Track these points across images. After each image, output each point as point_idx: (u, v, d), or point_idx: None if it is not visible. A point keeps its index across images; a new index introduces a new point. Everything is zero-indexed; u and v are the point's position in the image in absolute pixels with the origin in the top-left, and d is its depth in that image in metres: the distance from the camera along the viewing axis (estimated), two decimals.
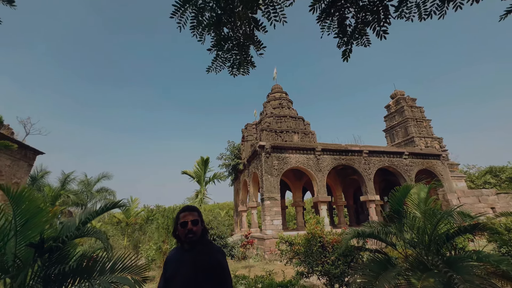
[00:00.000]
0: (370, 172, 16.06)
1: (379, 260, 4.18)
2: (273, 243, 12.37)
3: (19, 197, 2.70)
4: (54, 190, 16.48)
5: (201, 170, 15.18)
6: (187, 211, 1.77)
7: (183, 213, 1.76)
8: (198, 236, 1.72)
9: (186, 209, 1.80)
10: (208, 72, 3.02)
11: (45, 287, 2.79)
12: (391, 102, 26.57)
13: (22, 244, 2.73)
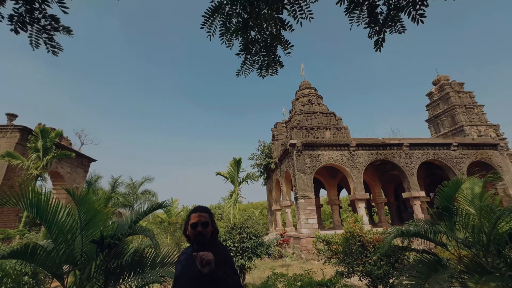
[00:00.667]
0: (413, 166, 14.85)
1: (427, 261, 3.87)
2: (310, 242, 12.17)
3: (82, 200, 3.10)
4: (106, 193, 18.35)
5: (234, 171, 15.58)
6: (198, 211, 1.75)
7: (194, 214, 1.74)
8: (207, 237, 1.72)
9: (197, 209, 1.79)
10: (238, 76, 3.11)
11: (106, 279, 3.15)
12: (434, 89, 24.21)
13: (86, 240, 3.13)
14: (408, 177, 14.54)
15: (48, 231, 2.97)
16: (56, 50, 2.48)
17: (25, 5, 2.11)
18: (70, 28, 2.45)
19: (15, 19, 2.15)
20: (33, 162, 12.43)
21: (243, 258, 6.12)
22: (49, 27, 2.32)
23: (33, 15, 2.16)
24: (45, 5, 2.14)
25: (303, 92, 18.44)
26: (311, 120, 15.84)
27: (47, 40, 2.41)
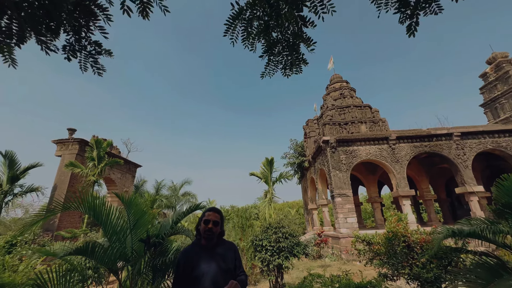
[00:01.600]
0: (466, 158, 13.22)
1: (488, 265, 3.43)
2: (349, 242, 11.64)
3: (130, 202, 3.45)
4: (151, 196, 19.95)
5: (267, 171, 15.65)
6: (211, 211, 1.95)
7: (208, 212, 1.95)
8: (215, 235, 1.90)
9: (211, 209, 1.98)
10: (263, 78, 3.15)
11: (154, 274, 3.46)
12: (489, 69, 21.22)
13: (135, 239, 3.46)
14: (461, 170, 13.00)
15: (104, 231, 3.37)
16: (100, 71, 2.81)
17: (75, 35, 2.43)
18: (111, 51, 2.75)
19: (67, 49, 2.49)
20: (90, 170, 14.10)
21: (280, 257, 6.13)
22: (94, 52, 2.64)
23: (80, 43, 2.48)
24: (90, 33, 2.44)
25: (334, 86, 17.73)
26: (344, 114, 15.15)
27: (93, 63, 2.74)
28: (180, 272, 1.79)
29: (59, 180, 14.63)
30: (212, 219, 1.89)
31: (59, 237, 12.96)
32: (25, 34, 2.22)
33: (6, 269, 4.47)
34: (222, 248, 1.92)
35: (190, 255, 1.84)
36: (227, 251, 1.92)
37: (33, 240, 11.13)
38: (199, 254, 1.84)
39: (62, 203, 3.21)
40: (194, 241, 1.97)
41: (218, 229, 1.92)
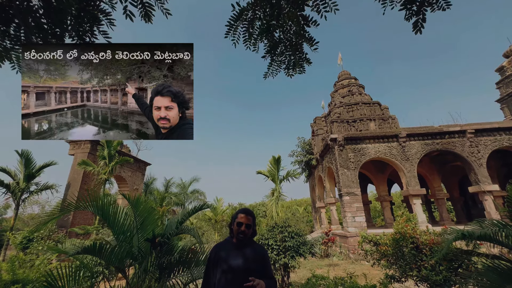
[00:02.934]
0: (480, 156, 12.77)
1: (501, 269, 3.31)
2: (357, 242, 11.50)
3: (136, 202, 3.52)
4: (161, 194, 20.32)
5: (274, 169, 15.63)
6: (244, 213, 2.00)
7: (241, 214, 1.99)
8: (247, 237, 1.97)
9: (244, 211, 2.02)
10: (265, 78, 3.13)
11: (160, 273, 3.52)
12: (506, 62, 20.32)
13: (142, 238, 3.54)
14: (475, 169, 12.57)
15: (112, 230, 3.45)
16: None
17: (79, 40, 2.47)
18: None
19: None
20: (101, 168, 14.48)
21: (286, 257, 6.13)
22: None
23: None
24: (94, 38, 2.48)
25: (342, 83, 17.44)
26: (352, 112, 14.89)
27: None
28: (210, 265, 1.93)
29: (72, 178, 15.11)
30: (245, 222, 1.95)
31: (73, 233, 13.41)
32: (31, 41, 2.28)
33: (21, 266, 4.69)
34: (252, 249, 1.99)
35: (221, 250, 1.96)
36: (257, 253, 1.98)
37: (48, 236, 11.57)
38: (229, 251, 1.95)
39: (74, 203, 3.32)
40: (227, 238, 2.08)
41: (250, 231, 1.99)
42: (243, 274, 1.85)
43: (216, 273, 1.91)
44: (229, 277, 1.86)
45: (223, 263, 1.90)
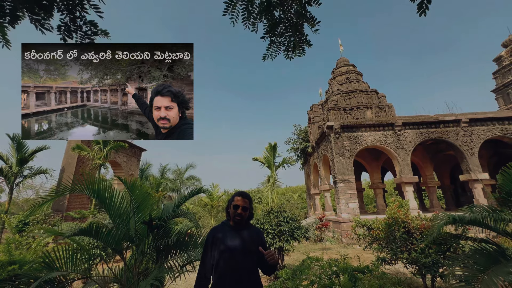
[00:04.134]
0: (473, 145, 12.99)
1: (487, 251, 3.45)
2: (350, 227, 11.82)
3: (132, 186, 3.49)
4: (156, 179, 20.35)
5: (270, 156, 15.70)
6: (240, 196, 2.01)
7: (238, 197, 2.01)
8: (244, 219, 1.99)
9: (240, 194, 2.04)
10: (264, 60, 3.04)
11: (157, 255, 3.57)
12: (504, 52, 20.29)
13: (138, 221, 3.55)
14: (466, 158, 12.83)
15: (108, 213, 3.45)
16: None
17: (69, 14, 2.34)
18: (107, 31, 2.66)
19: (62, 29, 2.41)
20: (96, 153, 14.33)
21: (281, 240, 6.28)
22: (90, 32, 2.56)
23: (75, 23, 2.40)
24: (84, 12, 2.35)
25: (340, 70, 17.23)
26: (349, 99, 14.83)
27: None
28: (208, 247, 1.97)
29: (66, 163, 14.96)
30: (241, 205, 1.97)
31: (69, 217, 13.46)
32: (18, 13, 2.15)
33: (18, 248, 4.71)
34: (248, 231, 2.02)
35: (218, 232, 1.99)
36: (253, 234, 2.01)
37: (44, 220, 11.59)
38: (226, 232, 1.98)
39: (69, 186, 3.28)
40: (224, 221, 2.10)
41: (247, 214, 2.02)
42: (241, 255, 1.89)
43: (214, 255, 1.94)
44: (227, 258, 1.89)
45: (221, 245, 1.93)
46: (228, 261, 1.88)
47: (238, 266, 1.86)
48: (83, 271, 3.22)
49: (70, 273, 3.05)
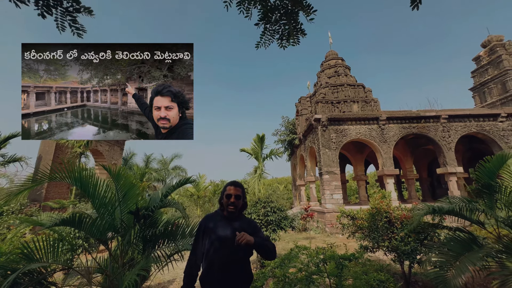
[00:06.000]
0: (450, 140, 13.68)
1: (461, 239, 3.69)
2: (334, 217, 12.25)
3: (118, 175, 3.37)
4: (141, 169, 19.85)
5: (257, 147, 15.73)
6: (233, 185, 2.01)
7: (230, 186, 2.00)
8: (238, 209, 1.98)
9: (232, 183, 2.04)
10: (257, 48, 2.97)
11: (144, 245, 3.51)
12: (483, 52, 21.23)
13: (124, 211, 3.45)
14: (444, 152, 13.51)
15: (92, 202, 3.32)
16: (80, 32, 2.54)
17: None
18: (91, 9, 2.47)
19: (40, 4, 2.21)
20: (76, 141, 13.67)
21: (268, 230, 6.38)
22: (71, 9, 2.36)
23: None
24: None
25: (329, 63, 17.32)
26: (337, 93, 15.02)
27: (71, 22, 2.47)
28: (199, 235, 1.96)
29: (43, 151, 14.19)
30: (234, 194, 1.96)
31: (47, 207, 12.88)
32: None
33: None
34: (240, 222, 2.01)
35: (210, 221, 1.98)
36: (245, 225, 2.00)
37: (20, 210, 11.03)
38: (218, 222, 1.97)
39: (48, 174, 3.11)
40: (217, 210, 2.09)
41: (240, 203, 2.00)
42: (231, 244, 1.87)
43: (205, 243, 1.94)
44: (217, 247, 1.88)
45: (212, 234, 1.93)
46: (218, 251, 1.87)
47: (228, 257, 1.85)
48: (65, 262, 3.11)
49: (51, 264, 2.93)
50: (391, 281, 2.92)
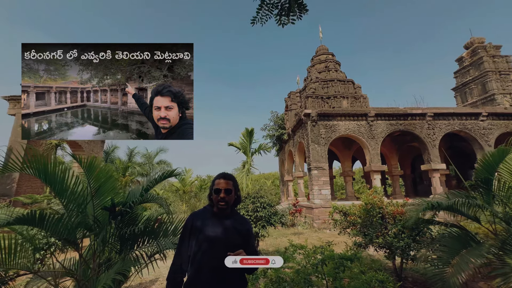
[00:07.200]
0: (435, 138, 14.01)
1: (458, 235, 3.60)
2: (322, 212, 12.23)
3: (90, 166, 2.95)
4: (123, 163, 18.98)
5: (246, 142, 15.41)
6: (222, 178, 1.74)
7: (218, 180, 1.73)
8: (230, 205, 1.73)
9: (222, 176, 1.76)
10: (253, 24, 2.63)
11: (121, 244, 3.13)
12: (465, 54, 21.92)
13: (98, 207, 3.04)
14: (429, 149, 13.82)
15: (59, 197, 2.88)
16: None
17: None
18: None
19: None
20: None
21: (257, 226, 6.13)
22: None
23: None
24: None
25: (319, 58, 17.18)
26: (327, 88, 14.92)
27: None
28: (185, 235, 1.70)
29: (14, 142, 13.10)
30: (224, 188, 1.69)
31: (19, 202, 11.94)
32: None
33: None
34: (234, 220, 1.75)
35: (198, 219, 1.71)
36: (240, 226, 1.73)
37: None
38: (208, 220, 1.69)
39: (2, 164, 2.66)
40: (206, 206, 1.81)
41: (232, 198, 1.73)
42: (222, 246, 1.59)
43: (192, 245, 1.64)
44: (206, 251, 1.59)
45: (199, 234, 1.63)
46: (207, 255, 1.59)
47: (218, 261, 1.54)
48: (26, 266, 2.68)
49: (10, 269, 2.51)
50: (390, 281, 2.74)
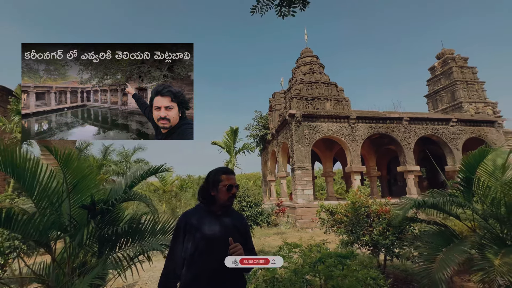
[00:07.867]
0: (410, 141, 14.79)
1: (440, 232, 3.75)
2: (304, 212, 12.38)
3: (67, 159, 2.65)
4: (97, 160, 17.87)
5: (230, 141, 15.21)
6: (231, 174, 1.64)
7: (225, 175, 1.61)
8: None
9: (230, 171, 1.66)
10: (253, 14, 2.53)
11: (101, 246, 2.85)
12: (437, 63, 23.45)
13: (75, 205, 2.75)
14: (405, 152, 14.56)
15: (29, 194, 2.56)
16: None
17: None
18: None
19: None
20: (16, 125, 11.63)
21: None
22: None
23: None
24: None
25: (304, 60, 17.44)
26: (311, 90, 15.17)
27: None
28: (179, 236, 1.55)
29: None
30: (235, 184, 1.61)
31: None
32: None
33: None
34: (231, 217, 1.63)
35: (192, 218, 1.58)
36: (238, 222, 1.61)
37: None
38: (203, 218, 1.57)
39: None
40: (198, 205, 1.67)
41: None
42: (222, 244, 1.47)
43: (188, 246, 1.50)
44: (204, 249, 1.46)
45: (196, 233, 1.50)
46: (206, 256, 1.46)
47: (218, 263, 1.42)
48: None
49: None
50: (381, 278, 2.76)
